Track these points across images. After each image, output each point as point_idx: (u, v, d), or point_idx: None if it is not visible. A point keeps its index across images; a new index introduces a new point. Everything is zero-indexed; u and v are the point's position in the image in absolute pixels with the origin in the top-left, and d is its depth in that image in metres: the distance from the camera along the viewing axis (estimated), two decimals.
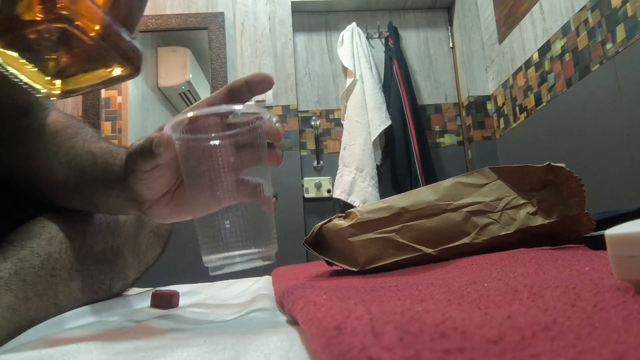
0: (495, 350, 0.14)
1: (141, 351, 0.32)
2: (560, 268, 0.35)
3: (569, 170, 0.55)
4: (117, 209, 0.44)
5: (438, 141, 2.26)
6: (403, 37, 2.32)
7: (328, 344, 0.17)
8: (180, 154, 0.36)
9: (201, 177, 0.36)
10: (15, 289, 0.41)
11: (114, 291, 0.59)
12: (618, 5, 1.29)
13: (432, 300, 0.27)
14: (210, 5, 2.23)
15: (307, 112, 2.24)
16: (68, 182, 0.44)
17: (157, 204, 0.40)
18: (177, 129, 0.35)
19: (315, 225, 0.64)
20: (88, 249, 0.51)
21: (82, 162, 0.44)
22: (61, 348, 0.33)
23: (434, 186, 0.61)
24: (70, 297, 0.49)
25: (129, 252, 0.59)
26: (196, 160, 0.36)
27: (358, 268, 0.59)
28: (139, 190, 0.38)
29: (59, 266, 0.47)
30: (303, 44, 2.32)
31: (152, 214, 0.40)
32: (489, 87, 2.21)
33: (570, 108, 1.55)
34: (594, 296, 0.22)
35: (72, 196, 0.46)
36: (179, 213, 0.41)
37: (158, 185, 0.38)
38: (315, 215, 2.10)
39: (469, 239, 0.57)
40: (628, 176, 1.29)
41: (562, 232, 0.58)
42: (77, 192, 0.45)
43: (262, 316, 0.46)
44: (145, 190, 0.38)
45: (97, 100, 2.09)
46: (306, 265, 1.03)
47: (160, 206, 0.40)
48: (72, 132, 0.48)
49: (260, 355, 0.28)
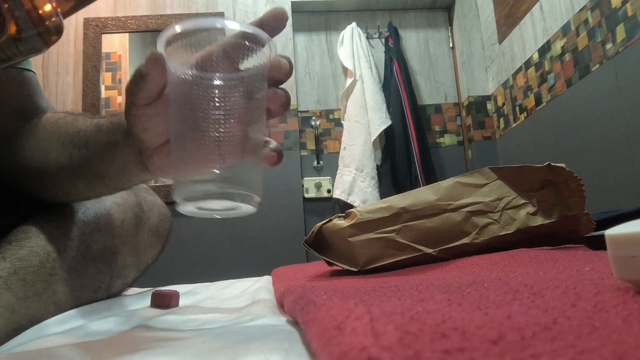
0: (495, 350, 0.14)
1: (141, 351, 0.32)
2: (560, 268, 0.35)
3: (569, 170, 0.55)
4: (122, 171, 0.43)
5: (438, 141, 2.26)
6: (403, 37, 2.32)
7: (328, 344, 0.17)
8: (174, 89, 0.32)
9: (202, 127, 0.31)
10: (14, 288, 0.41)
11: (114, 290, 0.60)
12: (618, 5, 1.29)
13: (432, 300, 0.26)
14: (210, 5, 2.23)
15: (307, 112, 2.24)
16: (72, 158, 0.44)
17: (158, 153, 0.39)
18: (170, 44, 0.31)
19: (315, 225, 0.64)
20: (87, 248, 0.51)
21: (87, 134, 0.44)
22: (61, 348, 0.33)
23: (434, 186, 0.61)
24: (69, 297, 0.49)
25: (128, 252, 0.59)
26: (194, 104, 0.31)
27: (358, 268, 0.59)
28: (138, 131, 0.37)
29: (58, 265, 0.47)
30: (303, 44, 2.32)
31: (154, 165, 0.40)
32: (489, 87, 2.21)
33: (570, 108, 1.55)
34: (594, 296, 0.22)
35: (77, 173, 0.45)
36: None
37: (156, 125, 0.37)
38: (315, 215, 2.10)
39: (469, 239, 0.57)
40: (628, 176, 1.29)
41: (562, 232, 0.58)
42: (81, 167, 0.44)
43: (262, 316, 0.46)
44: (144, 132, 0.37)
45: (97, 100, 2.09)
46: (306, 265, 1.03)
47: (162, 155, 0.39)
48: (72, 117, 0.48)
49: (260, 355, 0.28)
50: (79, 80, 2.11)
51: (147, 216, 0.63)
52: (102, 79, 2.13)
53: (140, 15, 2.17)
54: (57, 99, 2.08)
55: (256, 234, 1.99)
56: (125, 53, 2.19)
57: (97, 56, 2.12)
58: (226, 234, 1.98)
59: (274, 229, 2.00)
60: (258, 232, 1.99)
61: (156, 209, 0.67)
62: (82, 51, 2.13)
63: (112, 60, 2.17)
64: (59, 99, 2.08)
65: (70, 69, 2.13)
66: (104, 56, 2.15)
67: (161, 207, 0.69)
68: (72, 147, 0.44)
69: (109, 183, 0.44)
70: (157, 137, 0.38)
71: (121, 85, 2.16)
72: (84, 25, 2.14)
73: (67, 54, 2.13)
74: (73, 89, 2.11)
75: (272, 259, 1.84)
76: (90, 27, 2.14)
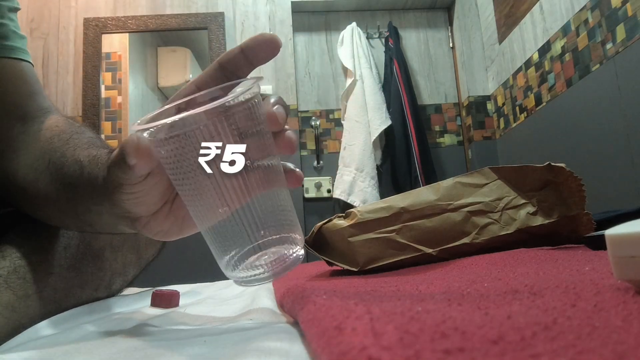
0: (495, 350, 0.14)
1: (141, 351, 0.32)
2: (560, 268, 0.35)
3: (569, 170, 0.55)
4: (112, 227, 0.38)
5: (438, 141, 2.26)
6: (403, 37, 2.32)
7: (328, 344, 0.17)
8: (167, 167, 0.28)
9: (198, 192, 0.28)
10: (14, 287, 0.41)
11: (114, 288, 0.59)
12: (618, 5, 1.29)
13: (432, 300, 0.26)
14: (210, 5, 2.23)
15: (307, 112, 2.24)
16: (59, 195, 0.39)
17: (154, 219, 0.33)
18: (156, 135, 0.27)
19: (315, 225, 0.64)
20: (87, 246, 0.51)
21: (70, 173, 0.38)
22: (61, 347, 0.33)
23: (434, 186, 0.61)
24: (69, 295, 0.49)
25: (128, 249, 0.59)
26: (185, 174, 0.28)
27: (358, 268, 0.59)
28: (129, 207, 0.32)
29: (58, 263, 0.47)
30: (303, 44, 2.32)
31: (151, 230, 0.34)
32: (489, 87, 2.21)
33: (570, 108, 1.55)
34: (594, 296, 0.22)
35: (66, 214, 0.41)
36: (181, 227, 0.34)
37: (151, 199, 0.32)
38: (315, 215, 2.10)
39: (469, 239, 0.57)
40: (628, 176, 1.29)
41: (562, 232, 0.58)
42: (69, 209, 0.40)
43: (262, 316, 0.46)
44: (137, 207, 0.32)
45: (97, 100, 2.09)
46: (306, 265, 1.03)
47: (159, 221, 0.33)
48: (66, 137, 0.42)
49: (260, 355, 0.28)
50: (79, 80, 2.12)
51: None
52: (102, 79, 2.13)
53: (140, 15, 2.17)
54: (57, 99, 2.08)
55: None
56: (125, 53, 2.19)
57: (97, 56, 2.12)
58: None
59: None
60: None
61: None
62: (82, 51, 2.13)
63: (112, 60, 2.17)
64: (59, 99, 2.08)
65: (70, 69, 2.13)
66: (104, 56, 2.15)
67: None
68: (58, 183, 0.39)
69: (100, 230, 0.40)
70: (152, 207, 0.32)
71: (121, 85, 2.16)
72: (84, 25, 2.14)
73: (67, 54, 2.13)
74: (73, 89, 2.11)
75: None
76: (90, 27, 2.14)
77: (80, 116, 2.08)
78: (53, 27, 2.15)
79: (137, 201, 0.31)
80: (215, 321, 0.46)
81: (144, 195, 0.31)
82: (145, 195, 0.31)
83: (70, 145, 0.40)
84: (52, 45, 2.13)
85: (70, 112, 2.08)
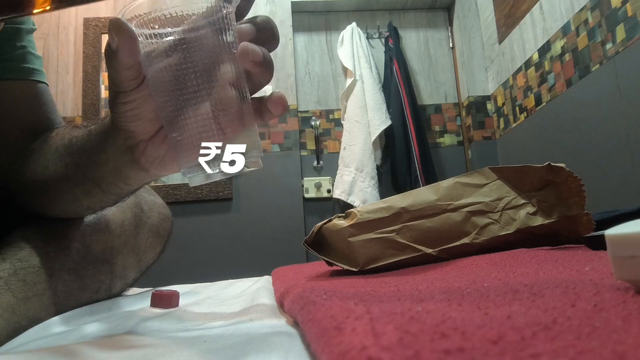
0: (495, 350, 0.14)
1: (141, 351, 0.32)
2: (560, 268, 0.35)
3: (569, 170, 0.55)
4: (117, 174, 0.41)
5: (438, 141, 2.26)
6: (403, 37, 2.32)
7: (328, 343, 0.17)
8: (148, 65, 0.31)
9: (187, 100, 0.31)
10: (14, 289, 0.41)
11: (114, 291, 0.59)
12: (618, 5, 1.29)
13: (432, 300, 0.26)
14: None
15: (307, 112, 2.24)
16: (68, 167, 0.43)
17: (151, 144, 0.37)
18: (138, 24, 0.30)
19: (315, 226, 0.64)
20: (87, 249, 0.51)
21: (79, 140, 0.42)
22: (61, 348, 0.33)
23: (434, 186, 0.61)
24: (69, 297, 0.49)
25: (128, 252, 0.59)
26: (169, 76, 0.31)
27: (358, 268, 0.59)
28: (127, 123, 0.35)
29: (58, 266, 0.47)
30: (303, 44, 2.32)
31: (148, 158, 0.37)
32: (489, 87, 2.21)
33: (570, 108, 1.55)
34: (594, 296, 0.22)
35: (75, 182, 0.44)
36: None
37: (146, 113, 0.35)
38: (315, 215, 2.10)
39: (469, 239, 0.57)
40: (628, 176, 1.29)
41: (562, 232, 0.58)
42: (77, 175, 0.43)
43: (262, 316, 0.45)
44: (135, 122, 0.35)
45: (97, 100, 2.09)
46: (306, 265, 1.03)
47: (155, 145, 0.37)
48: (71, 127, 0.47)
49: (260, 355, 0.28)
50: (79, 80, 2.11)
51: (147, 216, 0.63)
52: (102, 79, 2.13)
53: None
54: (57, 99, 2.08)
55: (256, 234, 1.99)
56: None
57: (97, 56, 2.12)
58: (226, 234, 1.98)
59: (274, 229, 2.00)
60: (258, 232, 1.99)
61: (156, 208, 0.66)
62: (82, 51, 2.13)
63: None
64: (59, 99, 2.08)
65: (70, 69, 2.13)
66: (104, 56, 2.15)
67: (161, 206, 0.68)
68: (67, 156, 0.43)
69: (106, 189, 0.43)
70: (149, 125, 0.36)
71: None
72: (84, 26, 2.14)
73: (67, 54, 2.13)
74: (73, 89, 2.11)
75: (272, 259, 1.84)
76: (90, 27, 2.14)
77: (80, 116, 2.08)
78: (53, 27, 2.15)
79: (134, 113, 0.35)
80: (215, 321, 0.46)
81: (140, 105, 0.34)
82: (140, 105, 0.34)
83: (76, 129, 0.45)
84: (52, 45, 2.13)
85: (70, 112, 2.08)
